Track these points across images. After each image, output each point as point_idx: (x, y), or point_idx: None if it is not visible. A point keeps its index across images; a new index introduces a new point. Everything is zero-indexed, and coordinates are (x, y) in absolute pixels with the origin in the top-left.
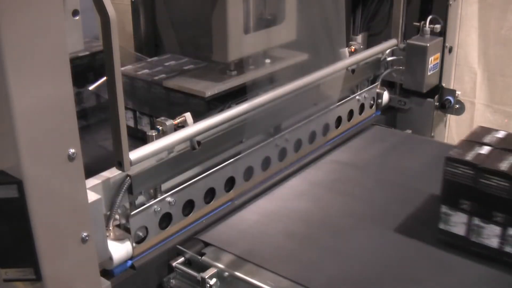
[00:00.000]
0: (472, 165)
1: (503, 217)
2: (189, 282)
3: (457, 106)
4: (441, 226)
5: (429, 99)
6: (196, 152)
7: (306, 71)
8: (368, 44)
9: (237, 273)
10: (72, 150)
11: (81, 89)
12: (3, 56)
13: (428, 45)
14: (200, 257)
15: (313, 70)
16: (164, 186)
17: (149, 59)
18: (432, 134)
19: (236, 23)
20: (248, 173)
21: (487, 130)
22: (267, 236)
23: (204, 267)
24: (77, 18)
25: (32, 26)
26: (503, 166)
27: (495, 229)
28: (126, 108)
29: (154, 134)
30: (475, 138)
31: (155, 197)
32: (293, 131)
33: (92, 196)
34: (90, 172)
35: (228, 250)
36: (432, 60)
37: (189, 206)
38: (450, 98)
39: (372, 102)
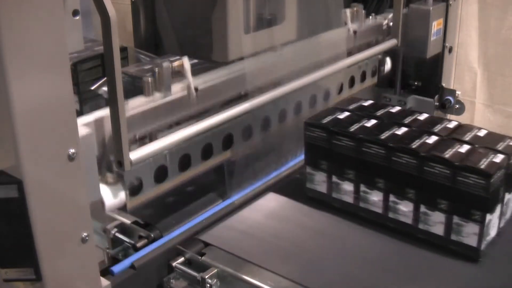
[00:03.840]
0: (325, 129)
1: (353, 174)
2: (189, 282)
3: (457, 106)
4: (308, 185)
5: (429, 99)
6: (193, 98)
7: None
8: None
9: (237, 273)
10: (72, 150)
11: None
12: (3, 56)
13: (431, 8)
14: (200, 257)
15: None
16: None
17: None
18: None
19: (236, 23)
20: (247, 132)
21: (355, 100)
22: (268, 236)
23: (204, 267)
24: (77, 18)
25: (32, 26)
26: (353, 128)
27: (349, 186)
28: None
29: (150, 79)
30: (340, 105)
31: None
32: (293, 92)
33: (83, 130)
34: None
35: (228, 250)
36: (436, 25)
37: (185, 161)
38: (450, 98)
39: (373, 69)
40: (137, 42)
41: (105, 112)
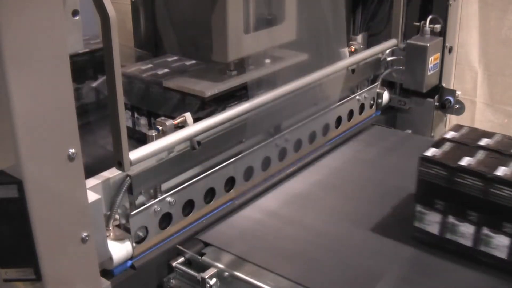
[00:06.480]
0: (445, 166)
1: (476, 216)
2: (189, 282)
3: (457, 106)
4: (416, 224)
5: (429, 99)
6: (196, 152)
7: (307, 71)
8: (368, 44)
9: (237, 273)
10: (72, 150)
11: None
12: (3, 56)
13: (428, 45)
14: (200, 257)
15: (314, 70)
16: (164, 186)
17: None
18: (432, 134)
19: (236, 23)
20: (248, 173)
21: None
22: (267, 236)
23: (204, 267)
24: (77, 18)
25: (32, 26)
26: (478, 165)
27: (470, 228)
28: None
29: (154, 134)
30: (453, 137)
31: (155, 197)
32: (293, 131)
33: (92, 196)
34: (90, 172)
35: (228, 250)
36: (432, 60)
37: (189, 206)
38: (450, 98)
39: (372, 102)
40: (137, 42)
41: (110, 172)
